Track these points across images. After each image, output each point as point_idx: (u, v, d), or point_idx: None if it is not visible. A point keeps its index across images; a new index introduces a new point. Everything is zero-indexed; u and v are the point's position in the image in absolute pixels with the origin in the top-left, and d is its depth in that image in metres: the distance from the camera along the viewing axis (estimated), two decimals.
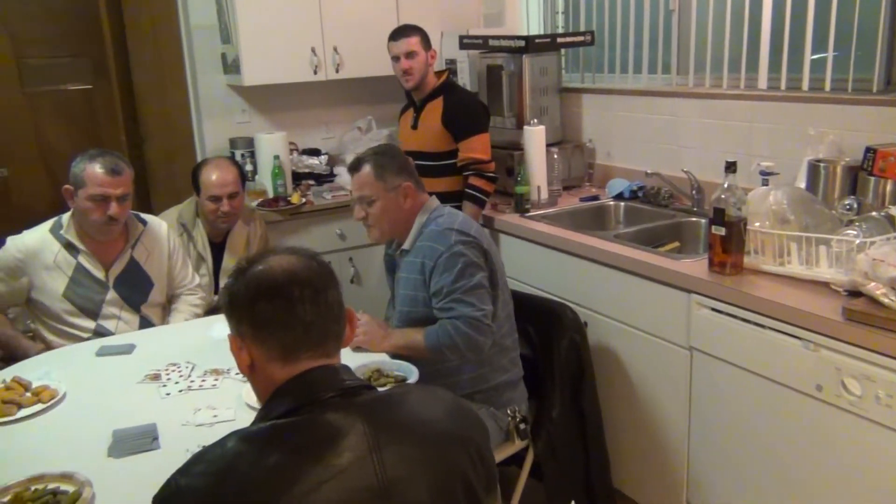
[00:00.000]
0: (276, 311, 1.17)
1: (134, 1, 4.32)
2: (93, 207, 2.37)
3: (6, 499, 1.46)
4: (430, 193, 2.35)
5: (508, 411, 2.22)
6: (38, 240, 2.44)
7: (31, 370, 2.07)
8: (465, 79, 3.76)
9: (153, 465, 1.60)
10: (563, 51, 3.62)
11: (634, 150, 3.33)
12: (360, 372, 1.94)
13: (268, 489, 1.03)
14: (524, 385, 2.34)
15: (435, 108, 3.18)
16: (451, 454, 1.18)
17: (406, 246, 2.24)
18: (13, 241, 2.44)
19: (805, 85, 2.66)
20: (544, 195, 3.20)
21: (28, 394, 1.91)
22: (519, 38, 3.42)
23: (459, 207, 2.90)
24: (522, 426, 2.22)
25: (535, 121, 3.26)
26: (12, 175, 4.34)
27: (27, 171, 4.34)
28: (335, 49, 3.72)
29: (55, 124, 4.50)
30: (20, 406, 1.86)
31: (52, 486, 1.50)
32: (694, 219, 2.89)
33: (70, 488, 1.49)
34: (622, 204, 3.19)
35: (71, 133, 4.50)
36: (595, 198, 3.28)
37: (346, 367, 1.24)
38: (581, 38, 3.48)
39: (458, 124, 3.12)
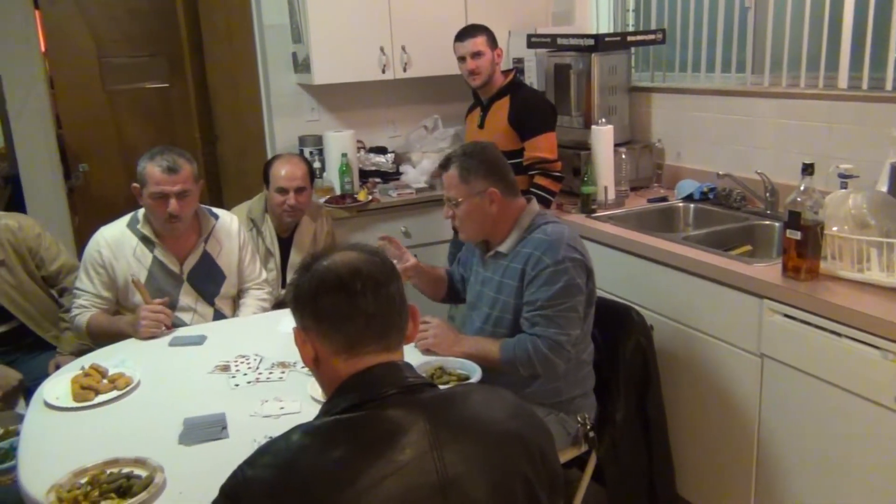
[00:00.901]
0: (338, 305, 1.19)
1: (210, 2, 4.44)
2: (155, 205, 2.44)
3: (83, 480, 1.53)
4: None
5: (578, 418, 2.18)
6: (117, 234, 2.52)
7: (108, 358, 2.15)
8: (532, 78, 3.74)
9: (221, 453, 1.64)
10: (633, 49, 3.56)
11: (705, 151, 3.26)
12: (423, 369, 1.95)
13: (330, 483, 1.05)
14: (593, 393, 2.30)
15: (502, 107, 3.17)
16: (511, 454, 1.18)
17: (503, 250, 2.16)
18: (95, 237, 2.53)
19: (888, 84, 2.55)
20: (611, 196, 3.16)
21: (105, 381, 1.99)
22: (588, 36, 3.38)
23: None
24: (591, 434, 2.18)
25: (604, 120, 3.22)
26: (93, 170, 4.54)
27: (107, 166, 4.53)
28: (403, 48, 3.75)
29: (133, 121, 4.68)
30: (97, 392, 1.94)
31: (126, 470, 1.55)
32: (767, 222, 2.80)
33: (143, 473, 1.54)
34: (692, 206, 3.12)
35: (148, 130, 4.68)
36: (663, 199, 3.22)
37: (409, 365, 1.24)
38: (652, 37, 3.42)
39: (524, 123, 3.11)
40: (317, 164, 3.77)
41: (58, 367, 2.50)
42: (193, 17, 4.58)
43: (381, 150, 4.06)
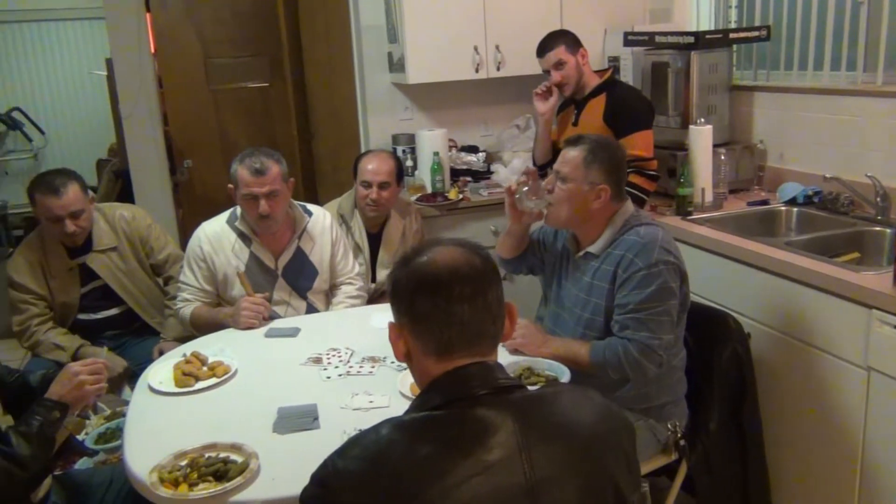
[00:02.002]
0: (434, 308, 1.18)
1: (310, 3, 4.56)
2: (247, 205, 2.52)
3: (183, 462, 1.60)
4: None
5: (669, 426, 2.13)
6: (217, 230, 2.63)
7: (209, 346, 2.24)
8: (628, 77, 3.67)
9: (312, 443, 1.68)
10: (734, 46, 3.44)
11: (811, 153, 3.11)
12: (511, 369, 1.94)
13: (418, 479, 1.06)
14: (685, 400, 2.24)
15: (597, 105, 3.13)
16: (602, 458, 1.16)
17: (594, 251, 2.12)
18: (197, 233, 2.64)
19: None
20: (709, 198, 3.06)
21: (205, 368, 2.07)
22: (688, 33, 3.29)
23: None
24: (682, 442, 2.12)
25: (702, 120, 3.12)
26: (196, 165, 4.73)
27: (209, 162, 4.71)
28: (497, 47, 3.75)
29: (235, 119, 4.85)
30: (198, 379, 2.02)
31: (223, 454, 1.61)
32: (877, 228, 2.65)
33: (238, 458, 1.59)
34: (795, 210, 2.99)
35: (248, 128, 4.84)
36: (764, 202, 3.10)
37: (500, 366, 1.23)
38: (756, 34, 3.29)
39: (620, 120, 3.05)
40: (409, 163, 3.81)
41: (161, 353, 2.63)
42: (293, 19, 4.71)
43: (473, 149, 4.07)
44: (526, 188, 2.18)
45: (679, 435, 2.13)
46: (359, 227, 3.04)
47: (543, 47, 3.17)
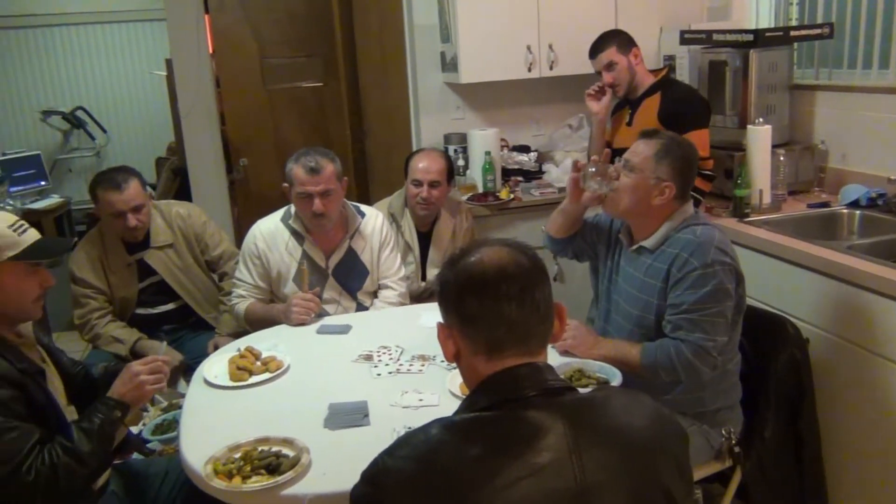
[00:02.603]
0: (483, 307, 1.18)
1: (364, 3, 4.60)
2: (301, 204, 2.55)
3: (237, 455, 1.63)
4: None
5: (723, 431, 2.08)
6: (271, 228, 2.67)
7: (262, 341, 2.27)
8: (684, 76, 3.60)
9: (363, 439, 1.70)
10: (795, 45, 3.35)
11: (875, 154, 3.01)
12: (562, 371, 1.93)
13: (467, 480, 1.06)
14: (740, 406, 2.19)
15: (652, 104, 3.08)
16: (653, 464, 1.14)
17: (648, 245, 2.09)
18: (252, 230, 2.69)
19: None
20: (766, 199, 2.99)
21: (258, 363, 2.11)
22: (747, 31, 3.21)
23: None
24: (737, 449, 2.08)
25: (761, 120, 3.05)
26: (251, 164, 4.81)
27: (264, 161, 4.79)
28: (550, 46, 3.72)
29: (289, 119, 4.92)
30: (251, 373, 2.06)
31: (275, 448, 1.64)
32: None
33: (290, 453, 1.62)
34: (857, 212, 2.90)
35: (302, 127, 4.90)
36: (825, 204, 3.01)
37: (550, 367, 1.23)
38: (818, 31, 3.20)
39: (675, 119, 2.99)
40: (460, 162, 3.82)
41: (216, 348, 2.68)
42: (348, 20, 4.76)
43: (525, 149, 4.05)
44: (594, 168, 2.13)
45: (733, 441, 2.09)
46: (409, 225, 3.06)
47: (595, 49, 3.16)
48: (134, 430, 2.31)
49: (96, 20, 6.64)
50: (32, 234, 1.73)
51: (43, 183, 5.69)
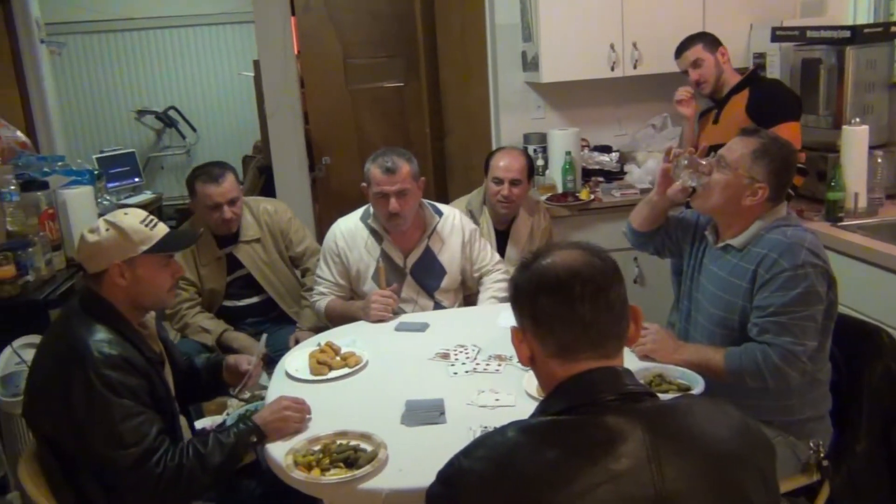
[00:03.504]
0: (556, 308, 1.17)
1: (446, 4, 4.62)
2: (378, 203, 2.58)
3: (317, 447, 1.66)
4: None
5: (811, 444, 2.00)
6: (351, 226, 2.71)
7: (342, 337, 2.32)
8: (775, 74, 3.48)
9: (439, 437, 1.71)
10: None
11: None
12: (641, 375, 1.89)
13: (543, 484, 1.05)
14: (829, 418, 2.10)
15: (740, 100, 3.01)
16: (736, 476, 1.11)
17: (735, 244, 2.02)
18: (333, 229, 2.74)
19: None
20: (862, 203, 2.86)
21: (338, 358, 2.15)
22: (844, 28, 3.08)
23: None
24: (826, 463, 1.99)
25: (857, 119, 2.92)
26: (333, 163, 4.91)
27: (345, 159, 4.87)
28: (634, 45, 3.66)
29: (371, 118, 4.99)
30: (331, 368, 2.10)
31: (353, 442, 1.67)
32: None
33: (368, 447, 1.64)
34: None
35: (383, 126, 4.97)
36: None
37: (629, 371, 1.21)
38: None
39: (764, 112, 2.90)
40: (540, 162, 3.79)
41: (297, 342, 2.75)
42: (430, 20, 4.79)
43: (606, 149, 4.00)
44: (686, 160, 2.07)
45: (822, 455, 2.00)
46: (487, 223, 3.05)
47: (681, 48, 3.12)
48: (218, 419, 2.39)
49: (189, 23, 6.91)
50: (162, 228, 1.82)
51: (137, 179, 5.95)
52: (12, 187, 2.83)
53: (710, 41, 3.06)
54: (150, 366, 1.75)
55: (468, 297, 2.89)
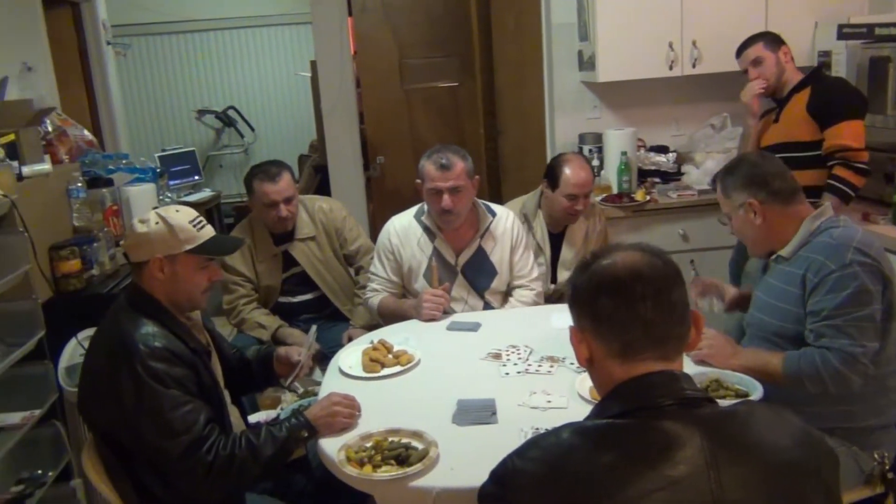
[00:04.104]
0: (617, 308, 1.16)
1: (502, 3, 4.61)
2: (431, 200, 2.59)
3: (369, 444, 1.68)
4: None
5: (875, 455, 1.93)
6: (405, 224, 2.73)
7: (394, 335, 2.33)
8: (840, 73, 3.38)
9: (490, 437, 1.71)
10: None
11: None
12: (698, 381, 1.84)
13: (599, 487, 1.04)
14: None
15: (801, 98, 2.93)
16: (797, 486, 1.08)
17: (784, 253, 2.01)
18: (387, 226, 2.76)
19: None
20: None
21: (390, 356, 2.16)
22: None
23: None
24: (891, 475, 1.92)
25: None
26: (387, 162, 4.94)
27: (399, 159, 4.91)
28: (694, 43, 3.59)
29: (425, 118, 5.01)
30: (383, 365, 2.12)
31: (405, 440, 1.68)
32: None
33: (419, 445, 1.65)
34: None
35: (437, 126, 4.98)
36: None
37: (688, 376, 1.18)
38: None
39: (825, 109, 2.82)
40: (595, 162, 3.76)
41: (350, 339, 2.78)
42: (485, 20, 4.79)
43: (663, 149, 3.94)
44: (703, 300, 2.35)
45: (887, 466, 1.93)
46: (541, 226, 3.03)
47: (742, 46, 3.08)
48: (271, 413, 2.43)
49: (248, 24, 7.05)
50: (208, 231, 1.85)
51: (197, 177, 6.09)
52: (79, 184, 2.92)
53: (772, 40, 3.00)
54: (195, 356, 1.79)
55: None
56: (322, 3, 4.50)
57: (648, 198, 3.52)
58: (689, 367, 1.94)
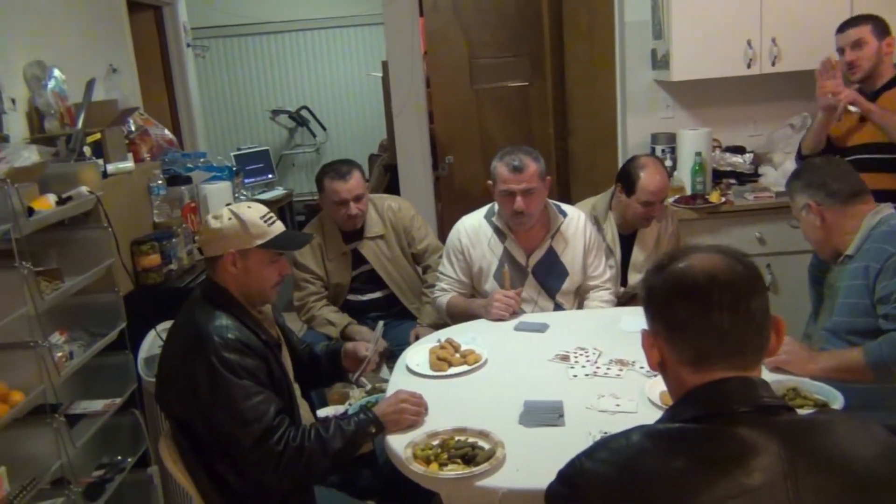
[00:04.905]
0: (691, 314, 1.12)
1: (574, 2, 4.57)
2: (503, 202, 2.57)
3: (435, 442, 1.68)
4: (873, 191, 2.13)
5: None
6: (475, 224, 2.72)
7: (462, 334, 2.33)
8: None
9: (557, 439, 1.69)
10: None
11: None
12: (774, 389, 1.78)
13: (670, 492, 1.02)
14: None
15: (890, 97, 2.79)
16: (881, 499, 1.03)
17: (850, 251, 2.03)
18: (457, 226, 2.76)
19: None
20: None
21: (457, 355, 2.17)
22: None
23: None
24: None
25: None
26: (457, 161, 4.96)
27: (468, 158, 4.92)
28: (773, 41, 3.48)
29: (494, 118, 5.01)
30: (450, 364, 2.12)
31: (471, 439, 1.68)
32: None
33: (486, 445, 1.65)
34: None
35: (506, 126, 4.97)
36: None
37: (766, 383, 1.14)
38: None
39: None
40: (668, 163, 3.68)
41: (417, 338, 2.80)
42: (557, 19, 4.75)
43: (739, 150, 3.83)
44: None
45: None
46: (611, 228, 2.98)
47: (847, 23, 2.92)
48: (340, 408, 2.46)
49: (321, 26, 7.17)
50: (279, 227, 1.90)
51: (270, 176, 6.23)
52: (160, 181, 3.03)
53: (881, 26, 2.85)
54: (267, 349, 1.83)
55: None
56: (394, 4, 4.54)
57: (724, 199, 3.43)
58: (764, 376, 1.88)
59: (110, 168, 2.74)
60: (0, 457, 2.00)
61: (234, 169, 3.68)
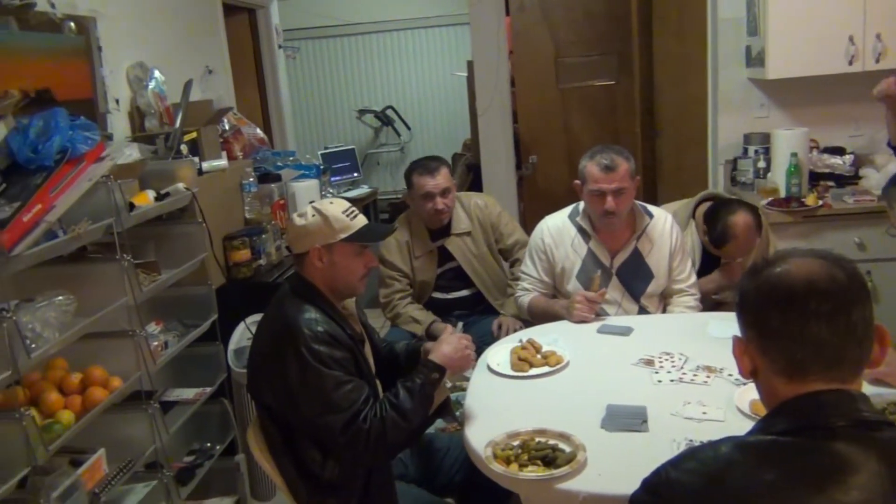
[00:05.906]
0: (786, 323, 1.07)
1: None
2: (592, 201, 2.53)
3: (516, 442, 1.68)
4: None
5: None
6: (559, 224, 2.70)
7: (544, 335, 2.31)
8: None
9: (640, 446, 1.66)
10: None
11: None
12: (875, 402, 1.70)
13: None
14: None
15: None
16: None
17: None
18: (540, 226, 2.74)
19: None
20: None
21: (539, 356, 2.15)
22: None
23: None
24: None
25: None
26: (540, 161, 4.92)
27: (552, 158, 4.87)
28: (878, 36, 3.31)
29: (579, 117, 4.95)
30: (532, 365, 2.11)
31: (552, 441, 1.66)
32: None
33: (567, 448, 1.63)
34: None
35: (592, 125, 4.90)
36: None
37: (865, 397, 1.09)
38: None
39: None
40: (761, 164, 3.56)
41: (500, 326, 2.83)
42: (646, 16, 4.65)
43: (838, 151, 3.66)
44: None
45: None
46: (692, 237, 2.90)
47: None
48: None
49: (407, 26, 7.25)
50: (361, 220, 1.94)
51: (356, 174, 6.34)
52: (251, 179, 3.13)
53: None
54: (352, 342, 1.87)
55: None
56: (480, 3, 4.55)
57: (821, 202, 3.28)
58: (864, 387, 1.79)
59: (205, 166, 2.84)
60: (100, 439, 2.10)
61: (322, 167, 3.77)
